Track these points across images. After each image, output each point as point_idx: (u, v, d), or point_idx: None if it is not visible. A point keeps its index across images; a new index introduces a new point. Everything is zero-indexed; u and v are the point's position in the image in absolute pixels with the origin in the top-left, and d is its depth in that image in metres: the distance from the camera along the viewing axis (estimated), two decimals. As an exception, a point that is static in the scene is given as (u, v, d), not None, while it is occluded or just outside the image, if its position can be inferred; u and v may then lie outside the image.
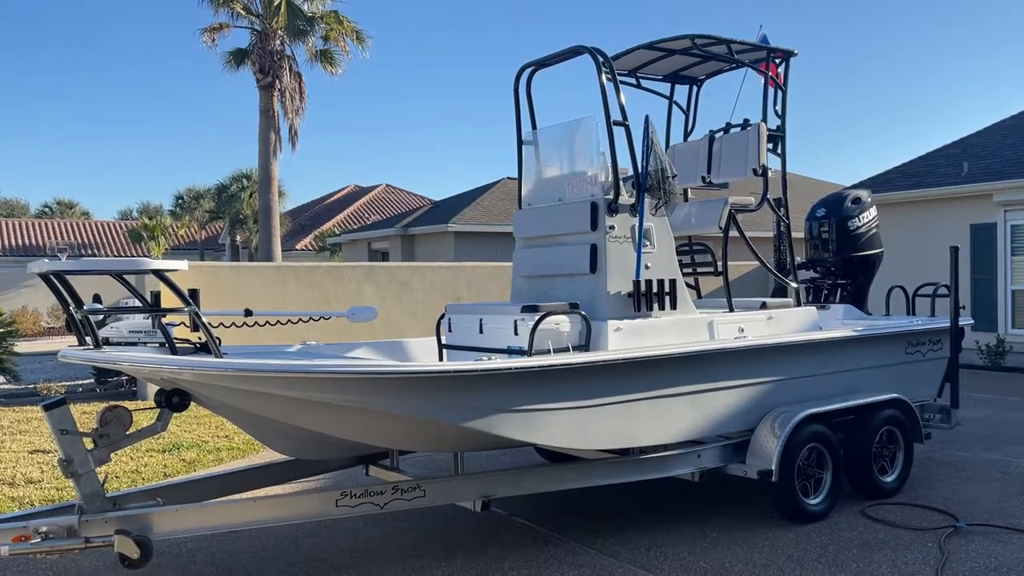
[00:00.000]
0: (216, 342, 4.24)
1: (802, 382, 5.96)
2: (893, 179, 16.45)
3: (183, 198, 41.04)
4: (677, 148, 7.35)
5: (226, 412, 4.85)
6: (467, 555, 5.15)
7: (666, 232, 5.63)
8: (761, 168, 6.40)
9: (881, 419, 6.18)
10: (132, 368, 4.52)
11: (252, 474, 5.55)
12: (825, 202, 7.64)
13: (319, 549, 5.32)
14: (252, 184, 33.06)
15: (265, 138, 22.36)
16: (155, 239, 34.72)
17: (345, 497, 4.65)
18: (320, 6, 22.80)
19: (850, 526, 5.58)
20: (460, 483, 5.05)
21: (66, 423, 4.31)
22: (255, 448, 8.27)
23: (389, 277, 13.40)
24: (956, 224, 14.65)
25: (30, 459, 7.94)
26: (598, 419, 4.92)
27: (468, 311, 5.69)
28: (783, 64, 6.68)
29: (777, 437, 5.46)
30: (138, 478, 7.14)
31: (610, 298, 5.33)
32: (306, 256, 32.89)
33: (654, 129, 5.52)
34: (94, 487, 4.37)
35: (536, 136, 6.10)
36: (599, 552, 5.15)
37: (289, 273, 12.70)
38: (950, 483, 6.65)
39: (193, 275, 9.38)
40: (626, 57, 6.71)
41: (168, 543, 5.25)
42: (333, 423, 4.62)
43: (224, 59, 22.65)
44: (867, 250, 7.37)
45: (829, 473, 5.80)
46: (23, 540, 4.16)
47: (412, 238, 23.64)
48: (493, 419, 4.57)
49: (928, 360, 6.90)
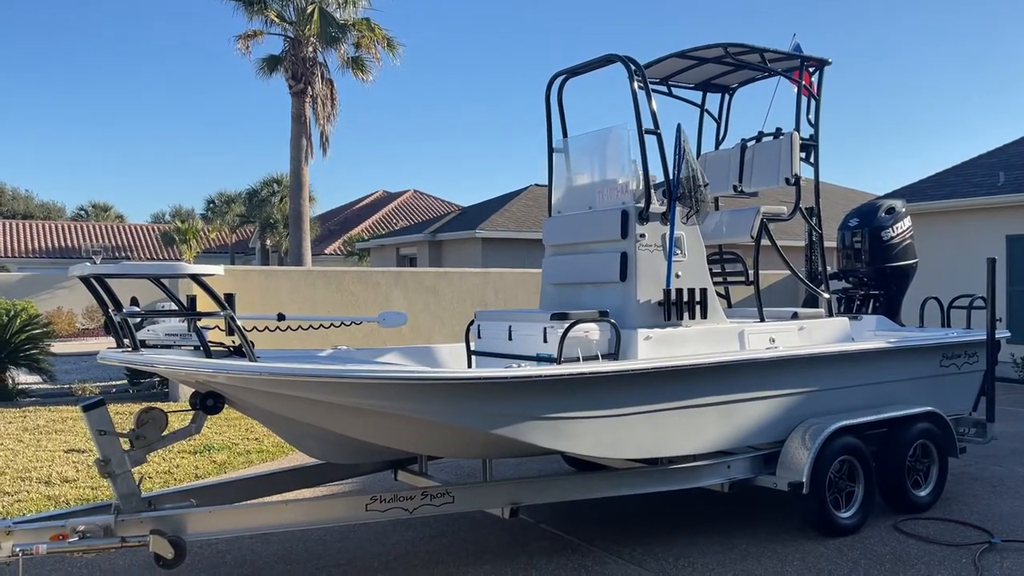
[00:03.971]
0: (250, 346, 4.30)
1: (834, 394, 5.89)
2: (928, 189, 16.23)
3: (215, 202, 41.55)
4: (708, 156, 7.32)
5: (259, 415, 4.91)
6: (495, 562, 5.16)
7: (697, 241, 5.61)
8: (794, 177, 6.36)
9: (915, 432, 6.09)
10: (169, 371, 4.60)
11: (282, 477, 5.60)
12: (858, 212, 7.57)
13: (348, 552, 5.36)
14: (283, 189, 33.41)
15: (297, 143, 22.59)
16: (187, 242, 35.19)
17: (375, 502, 4.68)
18: (352, 14, 23.00)
19: (882, 540, 5.51)
20: (489, 490, 5.07)
21: (104, 424, 4.39)
22: (284, 451, 8.35)
23: (417, 282, 13.47)
24: (992, 235, 14.40)
25: (65, 458, 8.09)
26: (627, 428, 4.91)
27: (497, 318, 5.71)
28: (816, 73, 6.63)
29: (808, 449, 5.41)
30: (170, 479, 7.24)
31: (640, 306, 5.32)
32: (334, 261, 33.16)
33: (686, 137, 5.50)
34: (130, 487, 4.44)
35: (567, 144, 6.12)
36: (627, 561, 5.13)
37: (319, 278, 12.81)
38: (985, 498, 6.54)
39: (225, 279, 9.50)
40: (658, 65, 6.70)
41: (199, 544, 5.32)
42: (364, 427, 4.65)
43: (257, 66, 22.93)
44: (901, 260, 7.28)
45: (861, 486, 5.73)
46: (60, 539, 4.25)
47: (440, 244, 23.73)
48: (522, 426, 4.58)
49: (963, 373, 6.80)
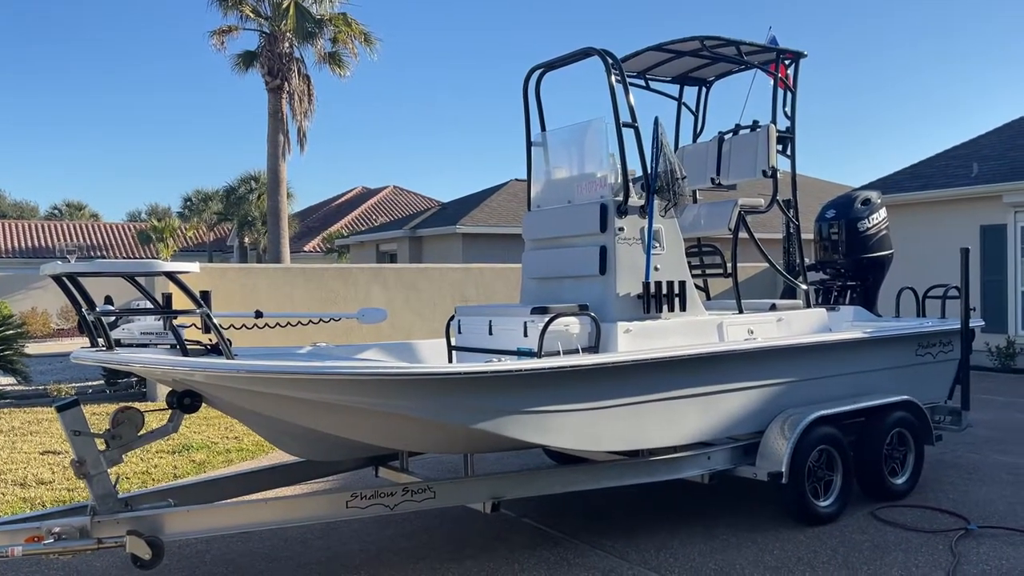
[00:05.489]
0: (228, 344, 4.25)
1: (812, 384, 5.94)
2: (903, 180, 16.39)
3: (191, 200, 41.18)
4: (686, 149, 7.35)
5: (237, 413, 4.87)
6: (477, 556, 5.15)
7: (675, 233, 5.63)
8: (771, 170, 6.39)
9: (892, 421, 6.16)
10: (145, 370, 4.54)
11: (262, 475, 5.56)
12: (835, 203, 7.62)
13: (329, 550, 5.34)
14: (260, 186, 33.16)
15: (274, 140, 22.43)
16: (164, 241, 34.87)
17: (355, 499, 4.66)
18: (329, 8, 22.86)
19: (861, 528, 5.57)
20: (470, 484, 5.06)
21: (79, 424, 4.33)
22: (264, 449, 8.29)
23: (397, 278, 13.43)
24: (966, 225, 14.59)
25: (41, 460, 7.98)
26: (608, 421, 4.92)
27: (478, 313, 5.70)
28: (792, 65, 6.67)
29: (787, 439, 5.45)
30: (148, 479, 7.17)
31: (619, 300, 5.33)
32: (314, 258, 32.98)
33: (664, 131, 5.52)
34: (106, 488, 4.39)
35: (545, 138, 6.11)
36: (608, 554, 5.15)
37: (298, 275, 12.73)
38: (961, 485, 6.63)
39: (202, 277, 9.42)
40: (635, 59, 6.71)
41: (178, 543, 5.27)
42: (344, 424, 4.63)
43: (233, 61, 22.76)
44: (877, 251, 7.35)
45: (839, 475, 5.79)
46: (36, 541, 4.19)
47: (420, 240, 23.67)
48: (503, 420, 4.57)
49: (939, 362, 6.88)
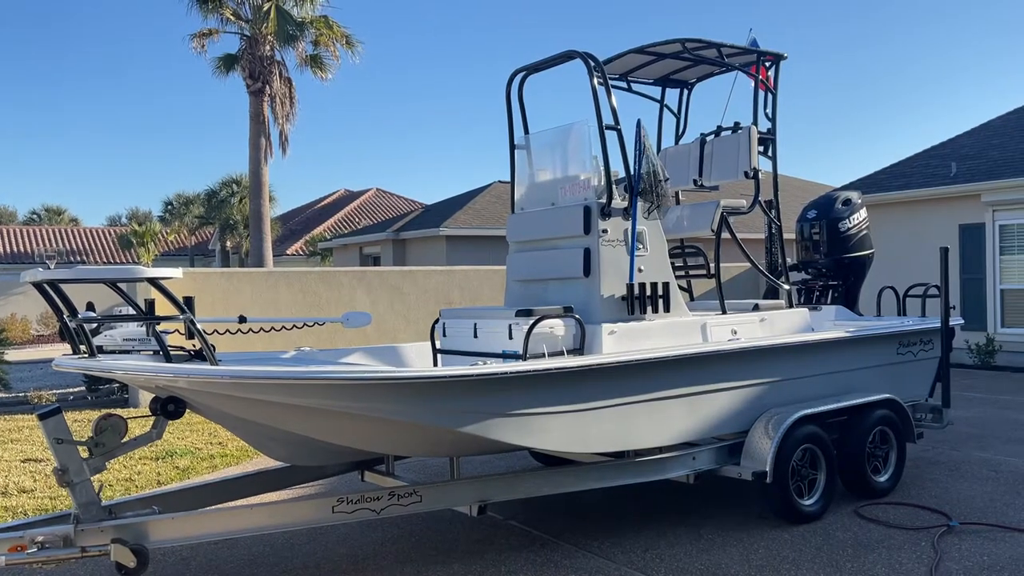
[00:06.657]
0: (211, 349, 4.24)
1: (795, 383, 5.99)
2: (883, 180, 16.55)
3: (173, 204, 40.83)
4: (669, 151, 7.39)
5: (221, 419, 4.85)
6: (464, 560, 5.15)
7: (659, 235, 5.66)
8: (752, 171, 6.44)
9: (874, 419, 6.22)
10: (127, 376, 4.51)
11: (247, 481, 5.54)
12: (816, 204, 7.69)
13: (316, 555, 5.32)
14: (242, 189, 32.93)
15: (255, 143, 22.27)
16: (145, 245, 34.53)
17: (342, 503, 4.65)
18: (310, 11, 22.73)
19: (844, 526, 5.62)
20: (456, 488, 5.06)
21: (61, 432, 4.30)
22: (249, 455, 8.25)
23: (381, 282, 13.39)
24: (945, 224, 14.75)
25: (23, 468, 7.90)
26: (593, 422, 4.94)
27: (462, 316, 5.70)
28: (773, 67, 6.73)
29: (771, 439, 5.49)
30: (132, 486, 7.11)
31: (604, 301, 5.35)
32: (297, 261, 32.80)
33: (646, 133, 5.54)
34: (90, 496, 4.36)
35: (528, 140, 6.12)
36: (595, 555, 5.16)
37: (281, 279, 12.68)
38: (942, 482, 6.70)
39: (185, 282, 9.37)
40: (617, 61, 6.74)
41: (163, 551, 5.24)
42: (329, 429, 4.62)
43: (214, 65, 22.55)
44: (858, 251, 7.41)
45: (823, 474, 5.84)
46: (19, 550, 4.15)
47: (404, 242, 23.61)
48: (489, 423, 4.58)
49: (919, 360, 6.95)
